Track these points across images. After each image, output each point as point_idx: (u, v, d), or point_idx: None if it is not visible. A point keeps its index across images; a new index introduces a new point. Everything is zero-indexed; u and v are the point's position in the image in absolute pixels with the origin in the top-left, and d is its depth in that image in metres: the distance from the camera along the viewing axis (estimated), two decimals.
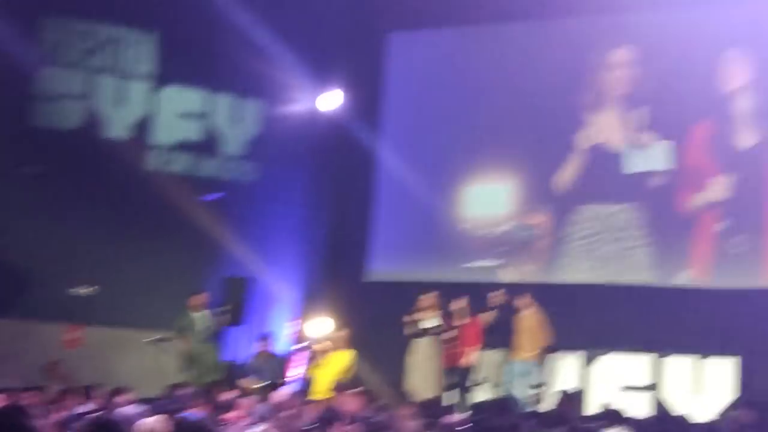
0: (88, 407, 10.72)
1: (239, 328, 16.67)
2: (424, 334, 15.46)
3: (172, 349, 16.33)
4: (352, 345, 15.50)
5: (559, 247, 16.65)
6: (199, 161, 17.73)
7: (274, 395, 11.17)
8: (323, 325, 16.43)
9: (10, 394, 10.72)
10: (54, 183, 16.29)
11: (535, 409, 13.93)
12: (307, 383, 15.37)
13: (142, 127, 17.49)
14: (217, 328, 16.24)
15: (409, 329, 15.48)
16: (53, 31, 17.01)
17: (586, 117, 16.77)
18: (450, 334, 15.46)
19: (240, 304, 16.53)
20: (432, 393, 14.94)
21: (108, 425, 5.70)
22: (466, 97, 17.75)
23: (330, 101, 18.45)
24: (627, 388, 14.51)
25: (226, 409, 10.57)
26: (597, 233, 16.38)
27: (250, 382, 15.47)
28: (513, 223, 17.10)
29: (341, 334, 15.58)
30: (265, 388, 12.65)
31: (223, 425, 9.34)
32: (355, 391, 13.99)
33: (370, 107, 18.31)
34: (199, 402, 10.26)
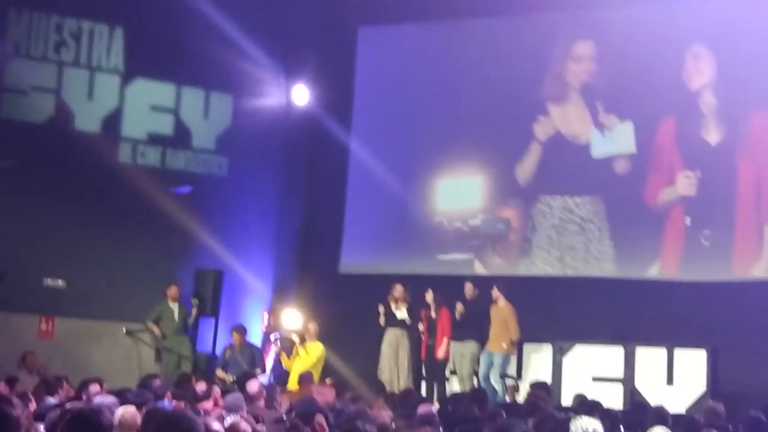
0: (61, 398, 10.70)
1: (212, 320, 16.66)
2: (397, 325, 15.51)
3: (146, 340, 16.37)
4: (324, 337, 15.54)
5: (529, 239, 16.72)
6: (170, 154, 17.67)
7: (247, 386, 11.16)
8: (295, 317, 16.44)
9: None
10: (24, 176, 16.17)
11: (508, 400, 14.00)
12: (279, 374, 15.40)
13: (113, 120, 17.39)
14: (190, 319, 16.27)
15: (381, 320, 15.53)
16: (22, 24, 16.89)
17: (551, 108, 16.87)
18: (422, 325, 15.53)
19: (212, 296, 16.54)
20: (404, 384, 15.02)
21: (81, 416, 5.63)
22: (435, 90, 17.79)
23: (300, 95, 18.44)
24: (599, 379, 14.57)
25: (200, 399, 10.57)
26: (563, 224, 16.46)
27: (223, 373, 15.49)
28: (484, 217, 17.15)
29: (312, 326, 15.61)
30: (238, 379, 12.63)
31: (197, 415, 9.32)
32: (327, 382, 14.08)
33: (341, 101, 18.30)
34: (173, 393, 10.26)
